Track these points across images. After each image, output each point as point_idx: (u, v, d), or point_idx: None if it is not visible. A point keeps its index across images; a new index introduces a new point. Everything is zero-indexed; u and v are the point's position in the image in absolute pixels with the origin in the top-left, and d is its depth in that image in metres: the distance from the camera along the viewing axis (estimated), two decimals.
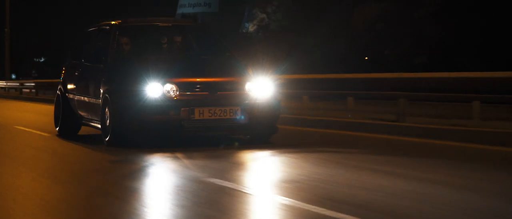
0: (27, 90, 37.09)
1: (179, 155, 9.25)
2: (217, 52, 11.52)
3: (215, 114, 10.07)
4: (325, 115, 14.15)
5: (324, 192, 6.51)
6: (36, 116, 19.43)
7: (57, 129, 12.30)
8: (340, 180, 7.25)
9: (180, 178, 7.64)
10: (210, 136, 10.54)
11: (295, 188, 6.78)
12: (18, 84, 40.21)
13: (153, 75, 10.10)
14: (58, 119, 12.31)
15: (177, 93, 10.05)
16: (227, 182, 7.06)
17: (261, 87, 10.39)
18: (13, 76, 54.33)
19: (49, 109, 17.29)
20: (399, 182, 7.06)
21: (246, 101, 10.24)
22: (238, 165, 8.67)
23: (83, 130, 12.21)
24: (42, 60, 57.74)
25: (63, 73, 12.65)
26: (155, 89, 9.99)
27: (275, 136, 10.68)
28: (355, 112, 14.36)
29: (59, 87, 12.53)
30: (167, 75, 10.13)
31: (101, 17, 12.58)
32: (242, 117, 10.14)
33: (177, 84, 10.08)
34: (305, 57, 32.51)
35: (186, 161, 8.74)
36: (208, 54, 11.51)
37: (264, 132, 10.55)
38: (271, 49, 32.90)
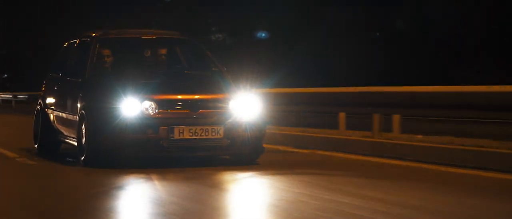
0: None
1: (153, 176, 8.69)
2: (202, 66, 10.97)
3: (196, 134, 9.51)
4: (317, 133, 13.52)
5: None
6: None
7: (36, 146, 11.73)
8: (320, 204, 6.67)
9: (143, 204, 7.11)
10: (191, 156, 9.93)
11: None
12: None
13: (131, 91, 9.55)
14: (37, 135, 11.75)
15: (156, 110, 9.49)
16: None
17: (246, 105, 9.82)
18: None
19: None
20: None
21: (230, 120, 9.68)
22: (213, 190, 8.06)
23: (63, 147, 11.64)
24: (5, 76, 57.64)
25: (43, 87, 12.11)
26: (133, 106, 9.43)
27: (261, 156, 10.09)
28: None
29: (39, 101, 11.99)
30: (146, 92, 9.58)
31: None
32: (225, 137, 9.58)
33: (156, 101, 9.52)
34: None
35: (159, 184, 8.18)
36: (192, 68, 10.98)
37: (249, 152, 9.96)
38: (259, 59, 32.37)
